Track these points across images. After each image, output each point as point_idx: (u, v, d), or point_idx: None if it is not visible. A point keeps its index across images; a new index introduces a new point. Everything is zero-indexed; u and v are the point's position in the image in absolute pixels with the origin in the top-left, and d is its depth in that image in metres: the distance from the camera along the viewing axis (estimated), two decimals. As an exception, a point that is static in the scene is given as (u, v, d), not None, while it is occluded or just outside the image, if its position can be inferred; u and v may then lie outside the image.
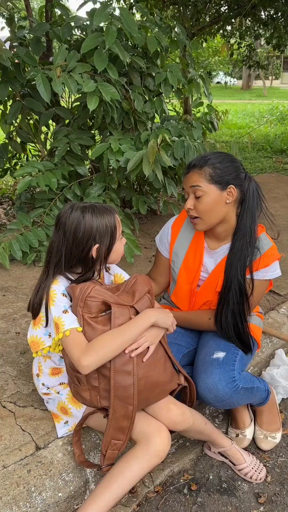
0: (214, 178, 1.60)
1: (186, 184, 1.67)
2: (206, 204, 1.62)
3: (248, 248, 1.66)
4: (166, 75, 2.79)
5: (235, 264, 1.66)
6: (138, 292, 1.49)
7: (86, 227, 1.42)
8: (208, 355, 1.67)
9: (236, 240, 1.67)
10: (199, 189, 1.61)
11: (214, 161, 1.61)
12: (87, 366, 1.30)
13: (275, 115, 12.73)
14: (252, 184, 1.66)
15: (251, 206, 1.65)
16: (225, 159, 1.63)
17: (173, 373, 1.53)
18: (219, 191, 1.61)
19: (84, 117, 2.86)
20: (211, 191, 1.61)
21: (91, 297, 1.38)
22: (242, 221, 1.66)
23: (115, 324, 1.38)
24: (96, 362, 1.31)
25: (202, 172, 1.61)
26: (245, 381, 1.65)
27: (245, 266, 1.66)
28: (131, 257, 2.69)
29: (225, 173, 1.60)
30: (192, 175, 1.64)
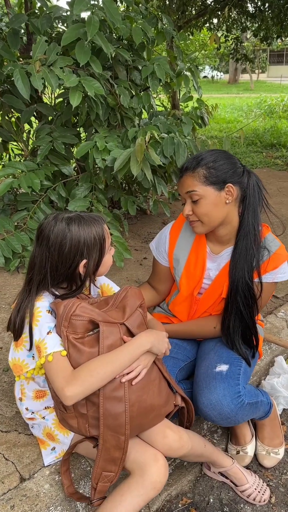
0: (209, 179, 1.47)
1: (181, 190, 1.53)
2: (204, 207, 1.49)
3: (253, 248, 1.53)
4: (153, 68, 2.64)
5: (240, 266, 1.54)
6: (129, 307, 1.35)
7: (73, 241, 1.28)
8: (210, 368, 1.55)
9: (239, 240, 1.55)
10: (195, 193, 1.48)
11: (207, 161, 1.48)
12: (71, 397, 1.16)
13: (263, 109, 12.62)
14: (252, 178, 1.53)
15: (253, 202, 1.53)
16: (219, 157, 1.49)
17: (169, 394, 1.40)
18: (217, 191, 1.48)
19: (67, 114, 2.70)
20: (208, 193, 1.48)
21: (76, 316, 1.24)
22: (244, 219, 1.54)
23: (103, 345, 1.24)
24: (81, 393, 1.17)
25: (196, 175, 1.48)
26: (250, 395, 1.53)
27: (252, 267, 1.54)
28: (121, 261, 2.55)
29: (221, 171, 1.47)
30: (185, 179, 1.50)
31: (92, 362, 1.21)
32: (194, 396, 1.54)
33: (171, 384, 1.41)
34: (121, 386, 1.25)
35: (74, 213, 1.34)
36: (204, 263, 1.66)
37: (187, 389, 1.65)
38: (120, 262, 2.54)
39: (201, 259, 1.66)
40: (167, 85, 3.01)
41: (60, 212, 1.35)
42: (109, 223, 2.70)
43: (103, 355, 1.22)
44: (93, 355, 1.23)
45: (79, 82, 2.26)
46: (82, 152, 2.41)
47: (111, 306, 1.37)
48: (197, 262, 1.67)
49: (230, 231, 1.58)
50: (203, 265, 1.66)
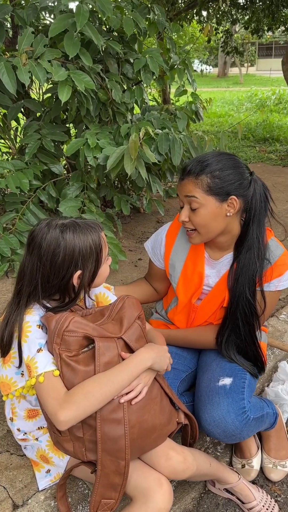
0: (212, 189, 1.36)
1: (180, 192, 1.42)
2: (202, 217, 1.38)
3: (256, 263, 1.43)
4: (146, 60, 2.53)
5: (242, 281, 1.44)
6: (126, 319, 1.25)
7: (67, 250, 1.17)
8: (212, 381, 1.45)
9: (241, 253, 1.44)
10: (195, 200, 1.37)
11: (213, 168, 1.36)
12: (65, 422, 1.05)
13: (254, 103, 12.53)
14: (258, 187, 1.42)
15: (258, 213, 1.42)
16: (226, 165, 1.37)
17: (172, 412, 1.30)
18: (218, 203, 1.37)
19: (56, 109, 2.58)
20: (209, 203, 1.37)
21: (69, 332, 1.13)
22: (248, 231, 1.43)
23: (100, 362, 1.14)
24: (76, 417, 1.07)
25: (199, 182, 1.36)
26: (255, 409, 1.43)
27: (254, 283, 1.44)
28: (115, 263, 2.44)
29: (226, 182, 1.36)
30: (187, 183, 1.39)
31: (88, 383, 1.10)
32: (196, 412, 1.44)
33: (173, 400, 1.31)
34: (120, 407, 1.14)
35: (69, 220, 1.23)
36: (202, 270, 1.55)
37: (189, 402, 1.55)
38: (114, 264, 2.43)
39: (199, 266, 1.56)
40: (160, 78, 2.90)
41: (53, 218, 1.24)
42: (102, 223, 2.59)
43: (100, 375, 1.12)
44: (89, 374, 1.13)
45: (68, 76, 2.14)
46: (72, 150, 2.29)
47: (107, 318, 1.26)
48: (195, 269, 1.56)
49: (230, 239, 1.48)
50: (201, 272, 1.55)
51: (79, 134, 2.69)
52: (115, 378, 1.12)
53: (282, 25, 7.88)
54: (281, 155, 5.94)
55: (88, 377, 1.12)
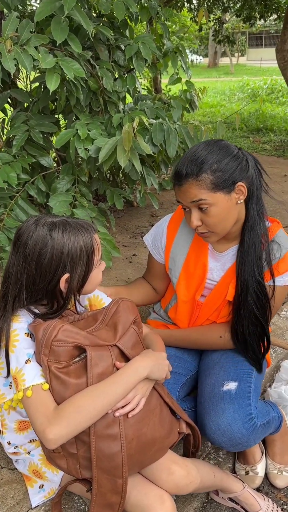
0: (217, 184, 1.26)
1: (183, 199, 1.32)
2: (216, 215, 1.29)
3: (260, 242, 1.35)
4: (138, 47, 2.40)
5: (249, 262, 1.35)
6: (121, 324, 1.15)
7: (55, 251, 1.07)
8: (216, 386, 1.36)
9: (245, 234, 1.36)
10: (204, 202, 1.27)
11: (210, 163, 1.26)
12: (54, 440, 0.96)
13: (246, 92, 12.39)
14: (251, 162, 1.33)
15: (255, 189, 1.34)
16: (221, 154, 1.27)
17: (172, 422, 1.21)
18: (227, 195, 1.28)
19: (44, 99, 2.45)
20: (219, 200, 1.28)
21: (58, 342, 1.04)
22: (249, 210, 1.35)
23: (92, 374, 1.04)
24: (67, 434, 0.97)
25: (201, 182, 1.26)
26: (262, 415, 1.35)
27: (261, 263, 1.35)
28: (109, 260, 2.34)
29: (228, 172, 1.26)
30: (188, 188, 1.28)
31: (79, 397, 1.01)
32: (200, 419, 1.36)
33: (173, 409, 1.22)
34: (116, 421, 1.05)
35: (59, 218, 1.13)
36: (206, 263, 1.46)
37: (191, 408, 1.47)
38: (108, 261, 2.33)
39: (202, 259, 1.46)
40: (153, 66, 2.78)
41: (43, 215, 1.14)
42: (94, 218, 2.48)
43: (92, 387, 1.03)
44: (81, 387, 1.04)
45: (56, 63, 2.02)
46: (62, 142, 2.18)
47: (101, 324, 1.17)
48: (198, 262, 1.47)
49: (238, 228, 1.39)
50: (204, 265, 1.46)
51: (69, 125, 2.57)
52: (109, 390, 1.02)
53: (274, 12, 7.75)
54: (275, 145, 5.85)
55: (80, 390, 1.03)
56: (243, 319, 1.39)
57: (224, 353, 1.48)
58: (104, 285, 2.43)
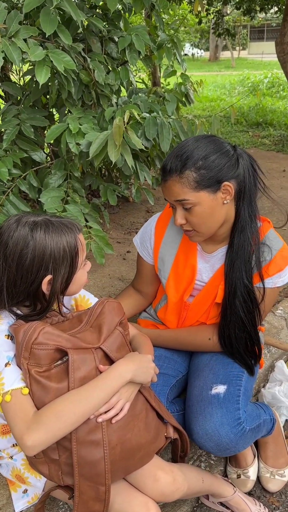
0: (201, 182, 1.21)
1: (167, 197, 1.28)
2: (200, 215, 1.24)
3: (251, 244, 1.29)
4: (131, 39, 2.35)
5: (238, 265, 1.30)
6: (106, 325, 1.11)
7: (37, 252, 1.03)
8: (204, 389, 1.32)
9: (235, 236, 1.31)
10: (187, 202, 1.23)
11: (195, 159, 1.20)
12: (32, 447, 0.92)
13: (246, 86, 12.29)
14: (244, 161, 1.27)
15: (248, 189, 1.28)
16: (208, 151, 1.22)
17: (159, 427, 1.17)
18: (212, 195, 1.23)
19: (36, 92, 2.40)
20: (203, 199, 1.22)
21: (38, 344, 1.00)
22: (239, 211, 1.29)
23: (74, 378, 1.00)
24: (46, 441, 0.94)
25: (184, 180, 1.21)
26: (251, 419, 1.31)
27: (250, 267, 1.30)
28: (102, 257, 2.29)
29: (213, 170, 1.21)
30: (172, 185, 1.24)
31: (59, 402, 0.97)
32: (187, 423, 1.32)
33: (160, 413, 1.18)
34: (98, 427, 1.02)
35: (42, 217, 1.08)
36: (195, 264, 1.42)
37: (180, 410, 1.43)
38: (101, 258, 2.28)
39: (191, 259, 1.42)
40: (147, 58, 2.72)
41: (25, 214, 1.10)
42: (87, 215, 2.44)
43: (73, 392, 0.99)
44: (62, 392, 1.00)
45: (46, 56, 1.96)
46: (53, 136, 2.13)
47: (85, 325, 1.13)
48: (187, 263, 1.43)
49: (228, 229, 1.34)
50: (193, 266, 1.42)
51: (61, 118, 2.52)
52: (90, 395, 0.98)
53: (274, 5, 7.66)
54: (274, 140, 5.78)
55: (61, 394, 0.99)
56: (229, 323, 1.35)
57: (214, 355, 1.44)
58: (97, 283, 2.40)
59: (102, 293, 2.26)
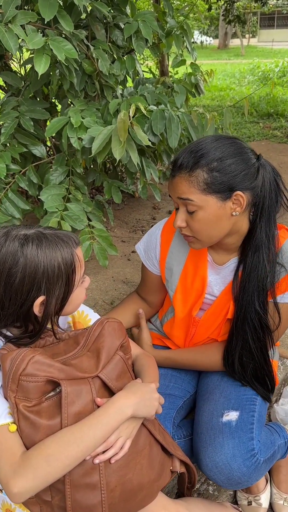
0: (211, 185, 1.07)
1: (172, 193, 1.14)
2: (202, 222, 1.11)
3: (265, 266, 1.16)
4: (138, 25, 2.19)
5: (249, 290, 1.17)
6: (105, 350, 0.99)
7: (27, 270, 0.90)
8: (215, 415, 1.20)
9: (248, 255, 1.17)
10: (191, 203, 1.09)
11: (210, 159, 1.07)
12: (19, 494, 0.81)
13: (256, 75, 12.01)
14: (267, 175, 1.14)
15: (267, 207, 1.14)
16: (226, 153, 1.08)
17: (164, 462, 1.05)
18: (220, 202, 1.09)
19: (36, 83, 2.26)
20: (209, 204, 1.09)
21: (27, 376, 0.87)
22: (256, 228, 1.16)
23: (68, 414, 0.88)
24: (34, 488, 0.82)
25: (194, 179, 1.08)
26: (265, 448, 1.20)
27: (264, 291, 1.17)
28: (105, 259, 2.17)
29: (228, 175, 1.07)
30: (179, 182, 1.10)
31: (51, 443, 0.85)
32: (195, 452, 1.20)
33: (165, 446, 1.06)
34: (95, 468, 0.90)
35: (34, 230, 0.96)
36: (205, 276, 1.29)
37: (188, 435, 1.31)
38: (104, 260, 2.16)
39: (201, 270, 1.29)
40: (155, 46, 2.56)
41: (16, 226, 0.97)
42: (90, 213, 2.31)
43: (66, 431, 0.87)
44: (54, 429, 0.88)
45: (46, 43, 1.82)
46: (53, 130, 1.99)
47: (82, 348, 1.00)
48: (196, 274, 1.29)
49: (239, 240, 1.20)
50: (203, 278, 1.29)
51: (63, 110, 2.38)
52: (86, 435, 0.86)
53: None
54: (287, 132, 5.59)
55: (53, 432, 0.87)
56: (234, 349, 1.23)
57: (225, 375, 1.32)
58: (99, 285, 2.27)
59: (105, 297, 2.14)
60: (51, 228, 0.99)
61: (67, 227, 2.09)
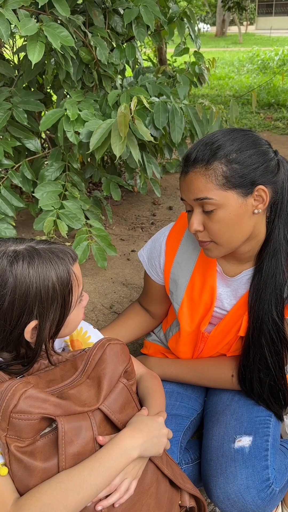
0: (231, 179, 0.96)
1: (186, 193, 1.02)
2: (223, 222, 0.99)
3: (283, 272, 1.06)
4: (138, 11, 2.06)
5: (266, 297, 1.07)
6: (107, 378, 0.88)
7: (17, 292, 0.79)
8: (226, 441, 1.10)
9: (264, 259, 1.06)
10: (211, 202, 0.98)
11: (228, 150, 0.96)
12: None
13: (256, 64, 11.79)
14: (285, 170, 1.03)
15: (286, 206, 1.03)
16: (245, 143, 0.98)
17: (173, 497, 0.95)
18: (242, 198, 0.98)
19: (30, 73, 2.12)
20: (229, 201, 0.98)
21: (20, 413, 0.76)
22: (273, 231, 1.05)
23: (66, 455, 0.78)
24: None
25: (211, 172, 0.96)
26: (281, 476, 1.10)
27: (282, 299, 1.07)
28: (104, 260, 2.06)
29: (248, 167, 0.96)
30: (194, 178, 0.99)
31: (47, 490, 0.75)
32: (205, 480, 1.11)
33: (175, 482, 0.96)
34: (98, 515, 0.79)
35: (25, 244, 0.84)
36: (214, 288, 1.17)
37: (195, 459, 1.21)
38: (102, 262, 2.05)
39: (209, 281, 1.17)
40: (156, 34, 2.42)
41: (4, 241, 0.85)
42: (88, 211, 2.19)
43: (65, 476, 0.76)
44: (50, 473, 0.78)
45: (40, 30, 1.69)
46: (48, 124, 1.87)
47: (81, 375, 0.90)
48: (204, 286, 1.18)
49: (254, 247, 1.09)
50: (212, 290, 1.18)
51: (59, 102, 2.25)
52: (86, 481, 0.76)
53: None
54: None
55: (50, 476, 0.77)
56: (251, 364, 1.12)
57: (236, 394, 1.22)
58: (98, 288, 2.16)
59: (104, 301, 2.03)
60: (45, 241, 0.87)
61: (63, 226, 1.98)
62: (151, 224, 2.73)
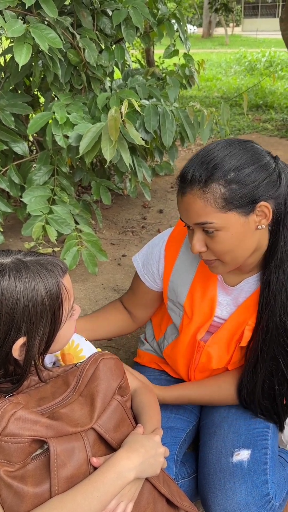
0: (231, 201, 0.92)
1: (185, 217, 0.99)
2: (226, 242, 0.96)
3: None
4: (127, 12, 2.02)
5: (275, 309, 1.04)
6: (100, 395, 0.84)
7: (4, 308, 0.75)
8: (223, 455, 1.07)
9: (272, 272, 1.03)
10: (210, 226, 0.94)
11: (226, 169, 0.92)
12: None
13: (243, 65, 11.83)
14: (286, 177, 0.99)
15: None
16: (244, 160, 0.93)
17: (169, 516, 0.92)
18: (244, 217, 0.94)
19: (17, 75, 2.08)
20: (231, 222, 0.94)
21: (8, 436, 0.73)
22: (278, 241, 1.01)
23: (58, 479, 0.74)
24: None
25: (209, 195, 0.92)
26: (280, 489, 1.08)
27: None
28: (94, 266, 2.02)
29: (249, 186, 0.92)
30: (191, 200, 0.95)
31: None
32: (202, 496, 1.07)
33: (172, 500, 0.92)
34: None
35: (12, 257, 0.80)
36: (214, 297, 1.14)
37: (192, 473, 1.18)
38: (93, 267, 2.01)
39: (210, 291, 1.14)
40: (145, 35, 2.39)
41: None
42: (77, 215, 2.15)
43: (57, 501, 0.73)
44: (42, 498, 0.74)
45: (27, 31, 1.65)
46: (36, 128, 1.83)
47: (73, 392, 0.86)
48: (205, 296, 1.14)
49: (258, 258, 1.06)
50: (212, 300, 1.14)
51: (47, 104, 2.21)
52: (80, 506, 0.72)
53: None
54: (277, 124, 5.45)
55: (41, 502, 0.73)
56: (257, 376, 1.09)
57: (234, 406, 1.18)
58: (88, 294, 2.12)
59: (94, 307, 1.99)
60: (32, 253, 0.83)
61: (52, 231, 1.93)
62: (142, 228, 2.70)
